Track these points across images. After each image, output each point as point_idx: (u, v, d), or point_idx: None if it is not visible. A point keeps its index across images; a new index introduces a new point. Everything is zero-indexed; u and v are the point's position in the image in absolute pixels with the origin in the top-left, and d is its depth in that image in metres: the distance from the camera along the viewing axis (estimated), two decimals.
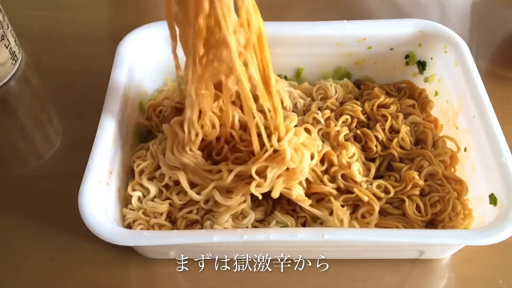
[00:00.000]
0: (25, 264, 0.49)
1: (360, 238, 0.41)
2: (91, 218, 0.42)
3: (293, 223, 0.47)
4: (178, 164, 0.47)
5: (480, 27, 0.74)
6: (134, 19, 0.60)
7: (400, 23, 0.57)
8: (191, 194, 0.47)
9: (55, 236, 0.51)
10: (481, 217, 0.46)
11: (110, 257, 0.49)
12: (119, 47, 0.55)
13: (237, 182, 0.46)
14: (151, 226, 0.48)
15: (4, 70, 0.64)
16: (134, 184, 0.49)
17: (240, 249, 0.47)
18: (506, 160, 0.45)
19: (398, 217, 0.48)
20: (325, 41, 0.57)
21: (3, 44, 0.62)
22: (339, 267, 0.48)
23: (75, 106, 0.63)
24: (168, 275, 0.48)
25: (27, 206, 0.53)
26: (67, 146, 0.59)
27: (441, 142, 0.52)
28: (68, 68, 0.68)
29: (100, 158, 0.46)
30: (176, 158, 0.46)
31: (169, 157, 0.47)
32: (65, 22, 0.75)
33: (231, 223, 0.47)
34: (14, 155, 0.59)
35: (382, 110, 0.54)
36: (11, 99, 0.64)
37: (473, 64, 0.52)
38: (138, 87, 0.56)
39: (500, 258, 0.49)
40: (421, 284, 0.48)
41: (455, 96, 0.53)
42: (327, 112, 0.54)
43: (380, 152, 0.52)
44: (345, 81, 0.59)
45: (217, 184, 0.46)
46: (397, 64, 0.60)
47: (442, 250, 0.48)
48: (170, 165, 0.48)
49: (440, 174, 0.49)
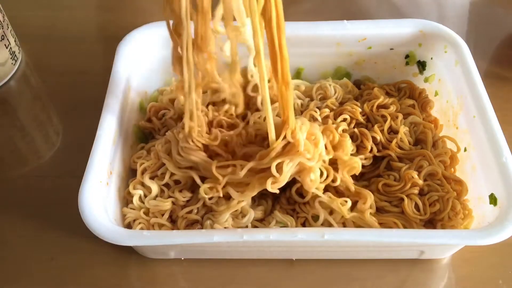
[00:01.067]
0: (25, 264, 0.49)
1: (360, 238, 0.41)
2: (91, 218, 0.42)
3: (293, 223, 0.47)
4: (187, 163, 0.47)
5: (480, 27, 0.74)
6: (134, 19, 0.60)
7: (400, 23, 0.57)
8: (202, 193, 0.46)
9: (55, 236, 0.51)
10: (481, 217, 0.46)
11: (110, 257, 0.49)
12: (119, 47, 0.55)
13: (249, 176, 0.45)
14: (151, 226, 0.48)
15: (4, 70, 0.64)
16: (135, 183, 0.49)
17: (240, 249, 0.47)
18: (506, 160, 0.45)
19: (397, 215, 0.48)
20: (325, 41, 0.57)
21: (3, 44, 0.62)
22: (339, 267, 0.48)
23: (75, 106, 0.63)
24: (168, 275, 0.48)
25: (27, 206, 0.53)
26: (67, 146, 0.59)
27: (441, 142, 0.52)
28: (68, 68, 0.68)
29: (100, 158, 0.46)
30: (184, 159, 0.47)
31: (176, 158, 0.47)
32: (65, 22, 0.75)
33: (231, 222, 0.47)
34: (14, 155, 0.59)
35: (382, 111, 0.54)
36: (11, 99, 0.64)
37: (473, 64, 0.52)
38: (138, 87, 0.56)
39: (500, 258, 0.49)
40: (421, 284, 0.48)
41: (455, 96, 0.53)
42: (326, 110, 0.54)
43: (376, 153, 0.52)
44: (344, 81, 0.59)
45: (230, 178, 0.45)
46: (397, 64, 0.60)
47: (442, 250, 0.48)
48: (180, 167, 0.48)
49: (440, 174, 0.49)
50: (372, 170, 0.52)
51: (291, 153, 0.44)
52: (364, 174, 0.52)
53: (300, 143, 0.43)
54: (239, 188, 0.46)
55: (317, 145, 0.45)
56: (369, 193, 0.47)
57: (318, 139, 0.45)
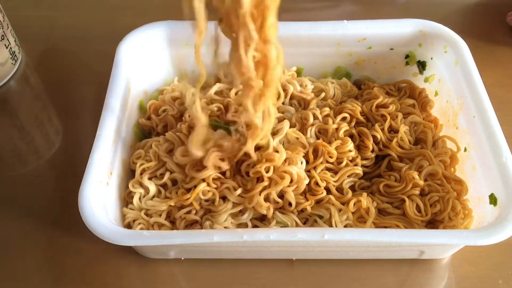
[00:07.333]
0: (25, 264, 0.49)
1: (360, 238, 0.41)
2: (91, 218, 0.42)
3: (293, 223, 0.47)
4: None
5: (480, 27, 0.74)
6: (134, 19, 0.60)
7: (400, 23, 0.57)
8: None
9: (55, 236, 0.51)
10: (481, 217, 0.46)
11: (110, 257, 0.49)
12: (119, 47, 0.55)
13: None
14: (151, 226, 0.48)
15: (4, 70, 0.64)
16: (134, 183, 0.50)
17: (240, 249, 0.47)
18: (506, 160, 0.45)
19: (398, 217, 0.48)
20: (325, 41, 0.57)
21: (3, 44, 0.62)
22: (339, 267, 0.48)
23: (75, 106, 0.63)
24: (168, 275, 0.48)
25: (27, 206, 0.53)
26: (67, 146, 0.59)
27: (441, 142, 0.52)
28: (68, 68, 0.68)
29: (100, 158, 0.46)
30: (185, 159, 0.48)
31: (177, 158, 0.48)
32: (65, 22, 0.75)
33: (231, 220, 0.47)
34: (14, 155, 0.59)
35: (381, 110, 0.54)
36: (11, 99, 0.64)
37: (473, 64, 0.52)
38: (138, 87, 0.56)
39: (500, 258, 0.49)
40: (421, 284, 0.48)
41: (455, 96, 0.53)
42: (326, 109, 0.54)
43: (377, 152, 0.52)
44: (343, 81, 0.59)
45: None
46: (397, 64, 0.60)
47: (442, 250, 0.48)
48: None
49: (440, 174, 0.49)
50: (373, 170, 0.52)
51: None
52: (365, 174, 0.52)
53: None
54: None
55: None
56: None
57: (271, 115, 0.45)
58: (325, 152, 0.49)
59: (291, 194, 0.47)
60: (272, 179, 0.47)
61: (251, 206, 0.47)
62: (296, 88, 0.56)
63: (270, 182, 0.47)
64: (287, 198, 0.47)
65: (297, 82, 0.57)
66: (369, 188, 0.51)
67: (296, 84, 0.56)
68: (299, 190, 0.48)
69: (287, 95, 0.56)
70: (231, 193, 0.47)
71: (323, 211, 0.47)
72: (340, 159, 0.50)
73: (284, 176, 0.46)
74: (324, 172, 0.49)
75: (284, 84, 0.56)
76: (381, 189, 0.49)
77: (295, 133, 0.51)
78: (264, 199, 0.47)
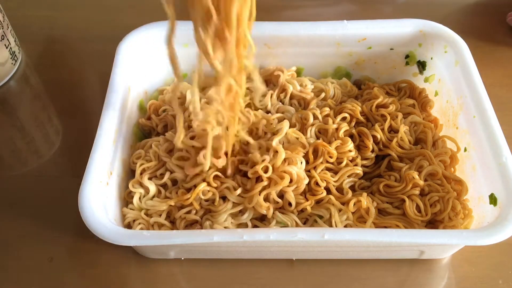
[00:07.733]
0: (24, 264, 0.49)
1: (360, 238, 0.41)
2: (91, 218, 0.42)
3: (293, 223, 0.47)
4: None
5: (480, 27, 0.74)
6: (134, 19, 0.60)
7: (400, 23, 0.57)
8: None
9: (55, 236, 0.51)
10: (481, 217, 0.46)
11: (110, 257, 0.49)
12: (119, 47, 0.55)
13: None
14: (151, 226, 0.48)
15: (4, 70, 0.64)
16: (134, 183, 0.50)
17: (240, 249, 0.47)
18: (506, 160, 0.45)
19: (398, 217, 0.48)
20: (325, 41, 0.57)
21: (3, 44, 0.62)
22: (339, 267, 0.48)
23: (75, 106, 0.63)
24: (168, 275, 0.48)
25: (27, 206, 0.53)
26: (67, 146, 0.59)
27: (441, 142, 0.52)
28: (68, 68, 0.68)
29: (100, 158, 0.46)
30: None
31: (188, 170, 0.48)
32: (65, 22, 0.75)
33: (231, 220, 0.47)
34: (14, 155, 0.59)
35: (381, 110, 0.54)
36: (11, 99, 0.64)
37: (473, 64, 0.52)
38: (138, 87, 0.56)
39: (500, 258, 0.49)
40: (421, 284, 0.48)
41: (455, 96, 0.53)
42: (326, 109, 0.54)
43: (377, 152, 0.52)
44: (343, 81, 0.59)
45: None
46: (397, 64, 0.60)
47: (442, 250, 0.48)
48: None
49: (440, 174, 0.49)
50: (373, 170, 0.52)
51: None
52: (365, 174, 0.52)
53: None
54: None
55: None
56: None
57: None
58: (325, 152, 0.50)
59: (291, 194, 0.47)
60: (271, 179, 0.47)
61: (251, 206, 0.47)
62: (296, 88, 0.56)
63: (270, 182, 0.47)
64: (287, 198, 0.47)
65: (297, 82, 0.57)
66: (369, 188, 0.51)
67: (296, 84, 0.56)
68: (299, 190, 0.48)
69: (287, 95, 0.56)
70: (231, 193, 0.47)
71: (323, 211, 0.47)
72: (340, 159, 0.50)
73: (283, 176, 0.46)
74: (324, 172, 0.49)
75: (284, 84, 0.56)
76: (381, 189, 0.49)
77: (295, 133, 0.51)
78: (264, 199, 0.47)
